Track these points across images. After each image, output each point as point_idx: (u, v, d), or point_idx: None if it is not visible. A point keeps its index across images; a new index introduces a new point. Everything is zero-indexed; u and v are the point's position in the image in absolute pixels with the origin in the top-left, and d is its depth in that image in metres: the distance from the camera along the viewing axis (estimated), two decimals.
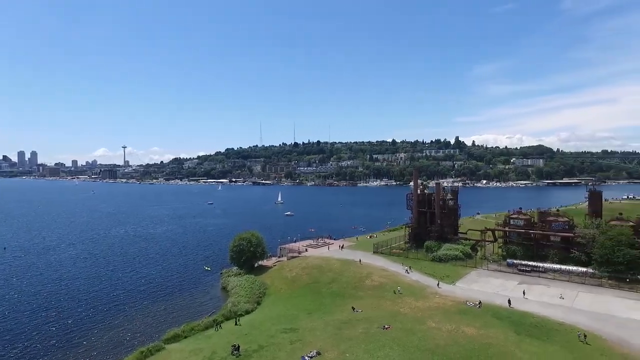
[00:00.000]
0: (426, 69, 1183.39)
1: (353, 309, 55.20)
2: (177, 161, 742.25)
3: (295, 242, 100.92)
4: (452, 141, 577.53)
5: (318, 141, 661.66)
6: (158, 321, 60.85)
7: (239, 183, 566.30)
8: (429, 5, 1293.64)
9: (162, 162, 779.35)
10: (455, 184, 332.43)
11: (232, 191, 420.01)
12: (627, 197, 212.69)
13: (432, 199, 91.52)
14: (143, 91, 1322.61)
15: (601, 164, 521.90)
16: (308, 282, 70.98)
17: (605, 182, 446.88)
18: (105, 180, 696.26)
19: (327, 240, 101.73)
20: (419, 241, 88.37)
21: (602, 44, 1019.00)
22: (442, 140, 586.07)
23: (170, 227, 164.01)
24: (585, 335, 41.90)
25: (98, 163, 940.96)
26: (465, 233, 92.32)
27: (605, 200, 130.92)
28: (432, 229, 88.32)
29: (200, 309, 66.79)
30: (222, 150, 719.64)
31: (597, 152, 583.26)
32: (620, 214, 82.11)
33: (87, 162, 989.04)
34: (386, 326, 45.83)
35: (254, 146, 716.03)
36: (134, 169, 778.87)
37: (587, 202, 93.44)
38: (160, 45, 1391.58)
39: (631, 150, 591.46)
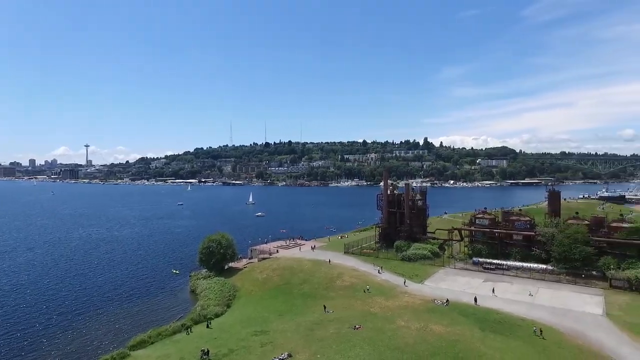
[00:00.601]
0: (397, 70, 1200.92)
1: (324, 308, 55.48)
2: (144, 161, 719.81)
3: (266, 243, 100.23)
4: (421, 142, 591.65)
5: (289, 141, 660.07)
6: (123, 327, 58.81)
7: (209, 183, 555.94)
8: (399, 9, 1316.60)
9: (127, 161, 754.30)
10: (424, 184, 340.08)
11: (202, 192, 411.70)
12: (583, 196, 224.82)
13: (401, 200, 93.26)
14: (108, 88, 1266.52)
15: (559, 165, 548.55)
16: (279, 284, 70.66)
17: (563, 182, 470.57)
18: (66, 181, 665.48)
19: (299, 241, 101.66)
20: (389, 241, 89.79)
21: (560, 51, 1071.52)
22: (411, 141, 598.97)
23: (136, 229, 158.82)
24: (541, 331, 43.89)
25: (58, 162, 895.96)
26: (434, 232, 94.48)
27: (564, 199, 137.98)
28: (402, 229, 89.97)
29: (168, 313, 65.08)
30: (191, 150, 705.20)
31: (556, 154, 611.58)
32: (577, 213, 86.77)
33: (46, 162, 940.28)
34: (357, 326, 46.30)
35: (224, 146, 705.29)
36: (97, 169, 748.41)
37: (547, 202, 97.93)
38: (125, 41, 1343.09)
39: (586, 152, 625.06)
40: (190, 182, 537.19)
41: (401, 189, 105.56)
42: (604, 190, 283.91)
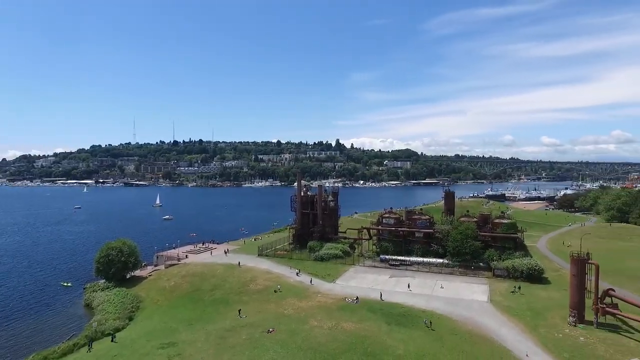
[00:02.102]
0: (310, 71, 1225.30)
1: (239, 312, 54.34)
2: (26, 159, 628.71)
3: (174, 248, 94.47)
4: (334, 143, 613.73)
5: (200, 140, 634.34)
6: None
7: (109, 184, 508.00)
8: (310, 12, 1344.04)
9: (4, 159, 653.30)
10: (336, 184, 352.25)
11: (101, 194, 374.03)
12: (473, 195, 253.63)
13: (314, 200, 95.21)
14: None
15: (454, 167, 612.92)
16: (189, 291, 67.31)
17: (457, 182, 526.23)
18: None
19: (210, 245, 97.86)
20: (303, 242, 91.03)
21: (455, 63, 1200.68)
22: (324, 142, 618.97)
23: (17, 237, 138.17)
24: (430, 322, 48.15)
25: None
26: (345, 232, 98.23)
27: (458, 199, 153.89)
28: (315, 230, 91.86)
29: (57, 332, 57.71)
30: (87, 148, 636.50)
31: (451, 156, 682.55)
32: (467, 211, 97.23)
33: None
34: (270, 329, 46.13)
35: (126, 143, 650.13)
36: None
37: (443, 201, 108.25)
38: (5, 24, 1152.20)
39: (476, 155, 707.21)
40: (86, 183, 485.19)
41: (314, 189, 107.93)
42: (489, 189, 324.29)
